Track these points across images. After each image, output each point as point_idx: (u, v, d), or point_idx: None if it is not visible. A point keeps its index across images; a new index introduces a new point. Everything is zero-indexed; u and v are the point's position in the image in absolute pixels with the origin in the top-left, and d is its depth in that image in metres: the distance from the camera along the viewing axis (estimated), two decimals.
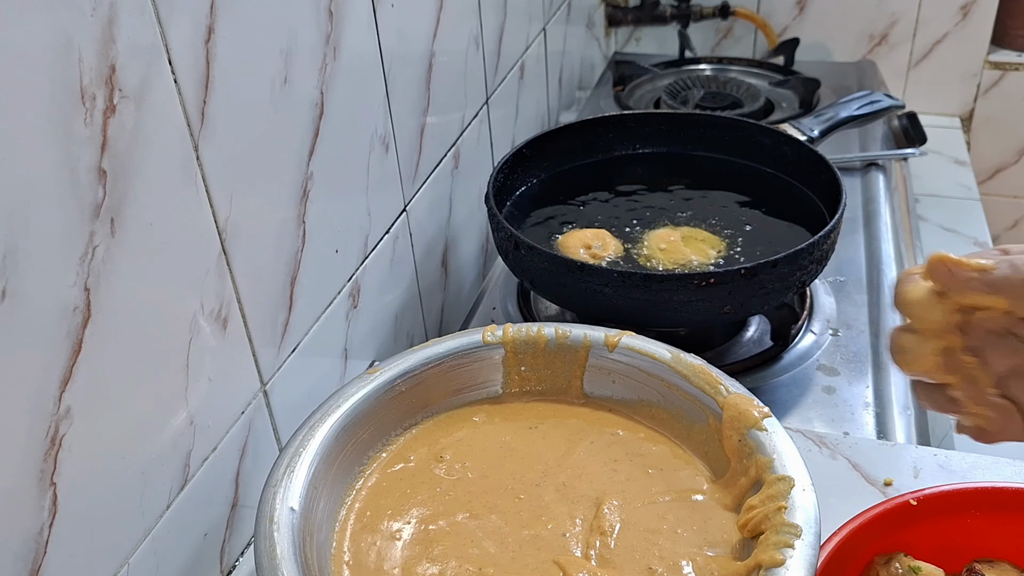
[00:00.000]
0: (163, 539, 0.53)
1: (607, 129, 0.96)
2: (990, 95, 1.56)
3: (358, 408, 0.57)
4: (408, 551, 0.52)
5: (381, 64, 0.74)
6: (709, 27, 1.66)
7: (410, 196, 0.84)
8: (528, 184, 0.92)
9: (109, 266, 0.46)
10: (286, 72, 0.60)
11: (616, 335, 0.62)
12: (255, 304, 0.60)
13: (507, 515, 0.54)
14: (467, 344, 0.63)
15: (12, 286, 0.40)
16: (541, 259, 0.74)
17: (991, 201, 1.54)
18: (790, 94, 1.30)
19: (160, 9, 0.48)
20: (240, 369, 0.60)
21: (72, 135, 0.43)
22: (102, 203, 0.45)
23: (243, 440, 0.60)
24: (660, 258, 0.81)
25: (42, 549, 0.44)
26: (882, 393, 0.76)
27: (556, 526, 0.53)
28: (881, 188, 1.09)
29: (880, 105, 1.08)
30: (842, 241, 0.82)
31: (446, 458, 0.58)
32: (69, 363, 0.44)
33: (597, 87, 1.43)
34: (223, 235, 0.56)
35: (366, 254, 0.76)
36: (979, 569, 0.54)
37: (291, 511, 0.49)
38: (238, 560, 0.62)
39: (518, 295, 0.90)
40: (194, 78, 0.51)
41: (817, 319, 0.84)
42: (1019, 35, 1.55)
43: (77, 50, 0.43)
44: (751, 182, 0.91)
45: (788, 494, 0.49)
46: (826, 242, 0.73)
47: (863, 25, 1.57)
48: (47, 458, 0.44)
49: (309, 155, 0.65)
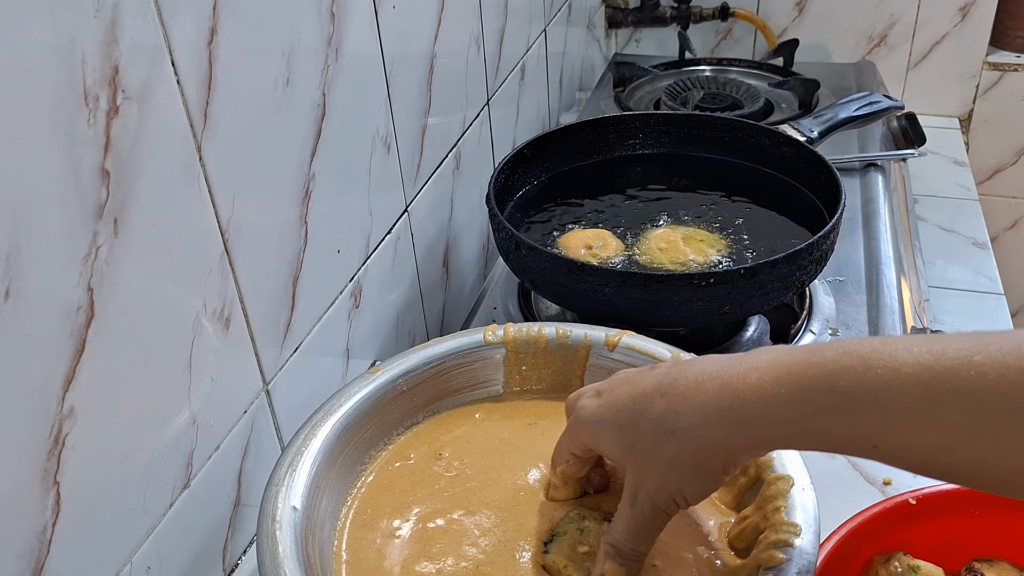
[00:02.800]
0: (166, 538, 0.53)
1: (607, 130, 0.96)
2: (989, 96, 1.57)
3: (360, 407, 0.57)
4: (407, 549, 0.52)
5: (383, 65, 0.75)
6: (709, 28, 1.66)
7: (412, 196, 0.84)
8: (529, 184, 0.92)
9: (112, 266, 0.46)
10: (288, 73, 0.60)
11: (616, 335, 0.62)
12: (257, 304, 0.60)
13: (504, 512, 0.54)
14: (468, 344, 0.63)
15: (16, 286, 0.40)
16: (542, 259, 0.74)
17: (990, 201, 1.54)
18: (789, 95, 1.31)
19: (163, 10, 0.48)
20: (242, 368, 0.60)
21: (75, 136, 0.43)
22: (105, 203, 0.45)
23: (245, 439, 0.61)
24: (660, 258, 0.81)
25: (45, 548, 0.44)
26: None
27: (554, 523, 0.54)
28: (880, 188, 1.09)
29: (879, 106, 1.08)
30: (841, 241, 0.82)
31: (445, 455, 0.59)
32: (72, 363, 0.44)
33: (597, 88, 1.44)
34: (225, 235, 0.56)
35: (368, 254, 0.76)
36: (978, 568, 0.54)
37: (293, 510, 0.49)
38: (240, 559, 0.62)
39: (519, 295, 0.91)
40: (197, 79, 0.51)
41: (816, 319, 0.84)
42: (1018, 36, 1.55)
43: (80, 51, 0.43)
44: (751, 182, 0.91)
45: (787, 493, 0.50)
46: (825, 242, 0.73)
47: (862, 26, 1.58)
48: (50, 457, 0.44)
49: (311, 156, 0.65)
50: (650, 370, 0.47)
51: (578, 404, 0.50)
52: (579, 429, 0.49)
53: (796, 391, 0.39)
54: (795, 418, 0.40)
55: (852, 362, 0.38)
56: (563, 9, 1.31)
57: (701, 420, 0.42)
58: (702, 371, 0.43)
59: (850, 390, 0.38)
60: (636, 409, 0.45)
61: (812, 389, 0.39)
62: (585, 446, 0.50)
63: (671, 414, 0.43)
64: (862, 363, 0.37)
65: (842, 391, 0.38)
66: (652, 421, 0.44)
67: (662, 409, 0.44)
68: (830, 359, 0.39)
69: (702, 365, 0.44)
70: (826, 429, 0.39)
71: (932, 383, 0.36)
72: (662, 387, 0.44)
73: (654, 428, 0.44)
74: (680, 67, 1.43)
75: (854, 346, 0.39)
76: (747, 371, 0.41)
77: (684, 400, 0.43)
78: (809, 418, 0.39)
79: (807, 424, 0.39)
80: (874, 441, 0.38)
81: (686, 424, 0.43)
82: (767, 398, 0.40)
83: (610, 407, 0.47)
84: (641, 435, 0.45)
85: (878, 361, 0.37)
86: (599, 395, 0.48)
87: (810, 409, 0.39)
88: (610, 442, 0.47)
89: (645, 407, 0.45)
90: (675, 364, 0.46)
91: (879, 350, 0.38)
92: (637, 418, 0.45)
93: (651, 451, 0.44)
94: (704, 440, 0.42)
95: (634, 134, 0.96)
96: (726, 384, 0.42)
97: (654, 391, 0.45)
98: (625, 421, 0.46)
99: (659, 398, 0.44)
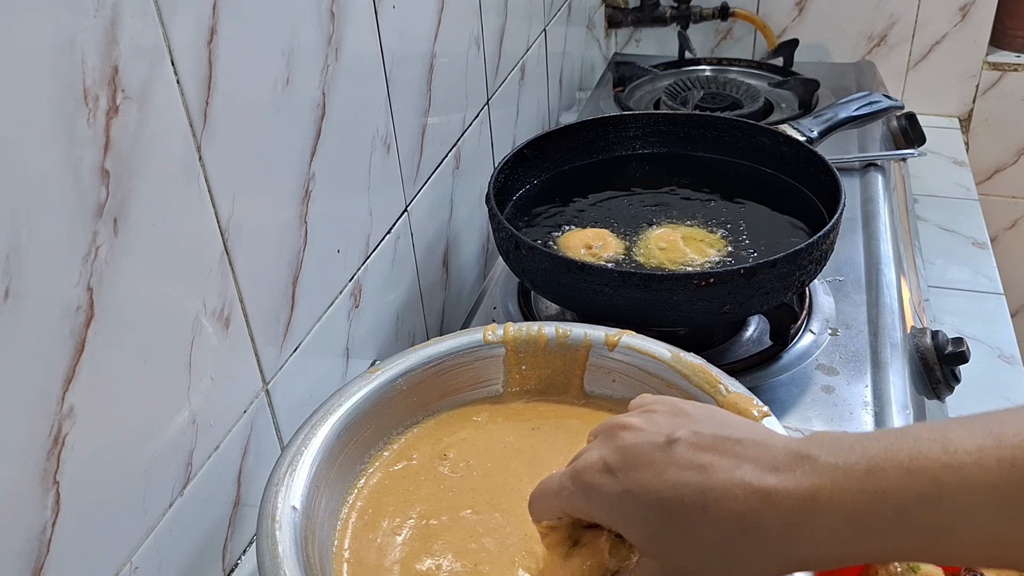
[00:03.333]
0: (165, 537, 0.53)
1: (607, 130, 0.96)
2: (989, 96, 1.57)
3: (359, 407, 0.57)
4: (408, 546, 0.52)
5: (383, 65, 0.75)
6: (709, 28, 1.66)
7: (411, 196, 0.84)
8: (529, 184, 0.92)
9: (112, 266, 0.46)
10: (288, 73, 0.60)
11: (616, 334, 0.62)
12: (257, 303, 0.60)
13: (510, 514, 0.54)
14: (468, 343, 0.63)
15: (15, 286, 0.40)
16: (542, 259, 0.74)
17: (989, 201, 1.54)
18: (789, 95, 1.31)
19: (163, 10, 0.48)
20: (242, 368, 0.60)
21: (75, 136, 0.43)
22: (105, 203, 0.45)
23: (245, 439, 0.61)
24: (660, 258, 0.81)
25: (45, 548, 0.44)
26: (881, 392, 0.76)
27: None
28: (880, 188, 1.09)
29: (879, 106, 1.08)
30: (841, 241, 0.82)
31: (450, 456, 0.59)
32: (72, 362, 0.44)
33: (597, 88, 1.44)
34: (225, 235, 0.56)
35: (368, 254, 0.76)
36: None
37: (293, 510, 0.49)
38: (240, 558, 0.62)
39: (519, 295, 0.91)
40: (196, 79, 0.51)
41: (816, 319, 0.84)
42: (1018, 36, 1.55)
43: (80, 51, 0.43)
44: (750, 182, 0.91)
45: None
46: (825, 242, 0.73)
47: (862, 26, 1.58)
48: (50, 457, 0.44)
49: (311, 155, 0.65)
50: (667, 448, 0.42)
51: (586, 479, 0.44)
52: (590, 508, 0.44)
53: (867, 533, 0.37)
54: (864, 554, 0.38)
55: (924, 487, 0.36)
56: (563, 9, 1.31)
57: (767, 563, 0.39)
58: (748, 487, 0.39)
59: (926, 522, 0.36)
60: (673, 520, 0.41)
61: (884, 532, 0.37)
62: (589, 518, 0.45)
63: (726, 553, 0.40)
64: (935, 489, 0.36)
65: (917, 524, 0.36)
66: (700, 548, 0.40)
67: (712, 540, 0.40)
68: (896, 485, 0.36)
69: (743, 474, 0.39)
70: (895, 554, 0.38)
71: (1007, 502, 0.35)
72: (706, 502, 0.40)
73: (702, 556, 0.40)
74: (680, 67, 1.43)
75: (918, 460, 0.36)
76: (809, 507, 0.38)
77: (742, 535, 0.39)
78: (878, 554, 0.38)
79: (876, 556, 0.38)
80: (948, 560, 0.39)
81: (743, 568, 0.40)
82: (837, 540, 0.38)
83: (635, 503, 0.42)
84: (684, 555, 0.41)
85: (950, 483, 0.35)
86: (612, 473, 0.43)
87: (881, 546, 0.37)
88: (636, 536, 0.43)
89: (687, 527, 0.40)
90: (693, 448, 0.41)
91: (947, 464, 0.36)
92: (678, 536, 0.41)
93: (694, 560, 0.41)
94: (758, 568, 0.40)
95: (634, 134, 0.96)
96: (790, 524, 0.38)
97: (692, 505, 0.40)
98: (659, 529, 0.41)
99: (703, 519, 0.40)
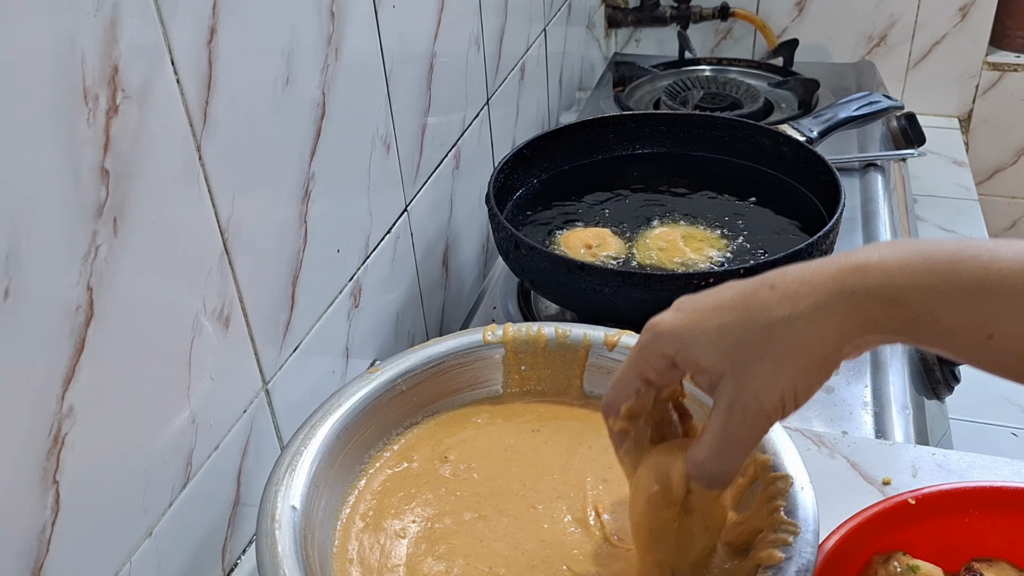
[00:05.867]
0: (165, 537, 0.53)
1: (607, 130, 0.96)
2: (988, 96, 1.57)
3: (359, 407, 0.57)
4: (412, 548, 0.52)
5: (382, 65, 0.75)
6: (709, 28, 1.66)
7: (411, 196, 0.84)
8: (528, 184, 0.92)
9: (112, 266, 0.46)
10: (288, 72, 0.60)
11: (616, 334, 0.62)
12: (257, 303, 0.60)
13: (520, 520, 0.54)
14: (468, 343, 0.63)
15: (15, 285, 0.40)
16: (541, 259, 0.74)
17: (989, 201, 1.55)
18: (789, 95, 1.31)
19: (163, 10, 0.48)
20: (242, 368, 0.60)
21: (75, 135, 0.43)
22: (105, 203, 0.45)
23: (245, 439, 0.61)
24: (660, 258, 0.81)
25: (44, 547, 0.44)
26: (880, 393, 0.76)
27: (566, 533, 0.54)
28: (880, 188, 1.09)
29: (879, 106, 1.08)
30: (841, 241, 0.82)
31: (450, 458, 0.59)
32: (72, 362, 0.44)
33: (597, 88, 1.44)
34: (225, 235, 0.56)
35: (367, 254, 0.76)
36: (977, 568, 0.54)
37: (292, 509, 0.49)
38: (240, 558, 0.62)
39: (518, 295, 0.91)
40: (196, 78, 0.51)
41: None
42: (1017, 36, 1.55)
43: (80, 51, 0.43)
44: (750, 182, 0.91)
45: (787, 492, 0.50)
46: (825, 242, 0.73)
47: (862, 26, 1.58)
48: (50, 456, 0.44)
49: (311, 155, 0.65)
50: (734, 282, 0.44)
51: (656, 323, 0.45)
52: (662, 342, 0.44)
53: (920, 272, 0.40)
54: (916, 299, 0.40)
55: (978, 252, 0.39)
56: (563, 9, 1.31)
57: (822, 299, 0.41)
58: (808, 264, 0.42)
59: (974, 275, 0.39)
60: (743, 304, 0.43)
61: (935, 273, 0.39)
62: (666, 365, 0.45)
63: (787, 300, 0.41)
64: (989, 254, 0.39)
65: (967, 276, 0.39)
66: (763, 310, 0.42)
67: (776, 297, 0.42)
68: (955, 248, 0.40)
69: (800, 264, 0.43)
70: (944, 315, 0.39)
71: None
72: (768, 280, 0.43)
73: (767, 317, 0.42)
74: (680, 67, 1.43)
75: (978, 241, 0.40)
76: (868, 252, 0.41)
77: (800, 284, 0.42)
78: (929, 299, 0.39)
79: (926, 307, 0.40)
80: (990, 330, 0.39)
81: (804, 307, 0.41)
82: (890, 274, 0.40)
83: (703, 311, 0.44)
84: (751, 329, 0.42)
85: (1005, 253, 0.39)
86: (679, 310, 0.45)
87: (932, 291, 0.39)
88: (708, 346, 0.43)
89: (752, 300, 0.42)
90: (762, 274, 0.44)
91: (1004, 245, 0.39)
92: (745, 311, 0.42)
93: (763, 344, 0.41)
94: (823, 321, 0.41)
95: (634, 134, 0.96)
96: (845, 265, 0.41)
97: (760, 286, 0.43)
98: (729, 319, 0.43)
99: (768, 290, 0.42)
